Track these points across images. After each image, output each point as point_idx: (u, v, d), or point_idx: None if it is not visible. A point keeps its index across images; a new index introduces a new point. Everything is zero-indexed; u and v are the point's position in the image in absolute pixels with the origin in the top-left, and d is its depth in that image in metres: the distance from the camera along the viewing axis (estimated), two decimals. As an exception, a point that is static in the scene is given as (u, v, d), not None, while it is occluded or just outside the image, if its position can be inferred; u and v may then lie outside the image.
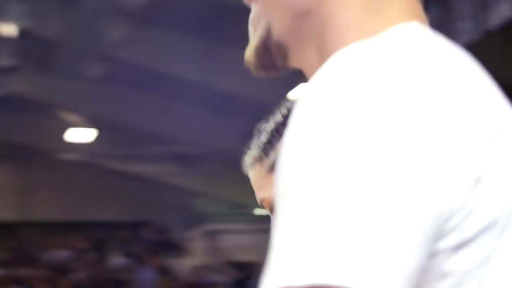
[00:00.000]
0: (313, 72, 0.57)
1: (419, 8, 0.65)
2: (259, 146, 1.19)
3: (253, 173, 1.20)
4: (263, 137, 1.19)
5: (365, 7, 0.62)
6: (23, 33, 10.66)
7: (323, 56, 0.61)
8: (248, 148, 1.22)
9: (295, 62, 0.67)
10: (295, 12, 0.64)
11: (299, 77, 0.71)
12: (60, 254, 14.12)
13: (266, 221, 1.21)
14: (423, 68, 0.55)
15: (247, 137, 1.24)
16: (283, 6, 0.64)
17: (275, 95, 2.27)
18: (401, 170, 0.50)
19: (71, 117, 14.32)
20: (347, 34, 0.61)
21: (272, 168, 1.13)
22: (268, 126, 1.20)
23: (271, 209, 1.15)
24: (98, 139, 14.66)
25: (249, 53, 0.69)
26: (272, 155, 1.15)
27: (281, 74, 0.72)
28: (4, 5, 10.23)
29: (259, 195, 1.18)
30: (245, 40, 0.72)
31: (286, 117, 1.17)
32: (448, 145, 0.52)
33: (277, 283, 0.48)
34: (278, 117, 1.19)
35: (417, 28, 0.60)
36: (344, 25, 0.62)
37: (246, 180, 1.22)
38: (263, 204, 1.18)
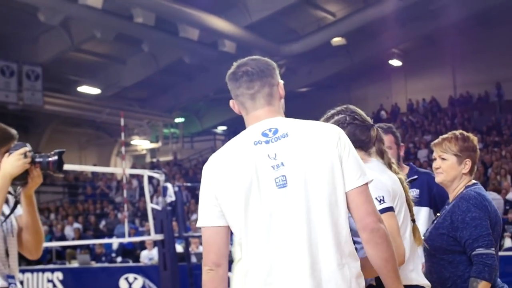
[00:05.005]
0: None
1: (263, 115, 2.53)
2: None
3: None
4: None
5: (247, 119, 2.59)
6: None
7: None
8: None
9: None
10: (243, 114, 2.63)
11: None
12: None
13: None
14: (225, 149, 2.53)
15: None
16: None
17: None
18: (203, 192, 2.51)
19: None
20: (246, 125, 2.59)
21: None
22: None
23: None
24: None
25: None
26: None
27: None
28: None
29: None
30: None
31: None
32: (217, 184, 2.47)
33: (197, 224, 2.56)
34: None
35: (250, 127, 2.55)
36: (247, 123, 2.60)
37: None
38: None
